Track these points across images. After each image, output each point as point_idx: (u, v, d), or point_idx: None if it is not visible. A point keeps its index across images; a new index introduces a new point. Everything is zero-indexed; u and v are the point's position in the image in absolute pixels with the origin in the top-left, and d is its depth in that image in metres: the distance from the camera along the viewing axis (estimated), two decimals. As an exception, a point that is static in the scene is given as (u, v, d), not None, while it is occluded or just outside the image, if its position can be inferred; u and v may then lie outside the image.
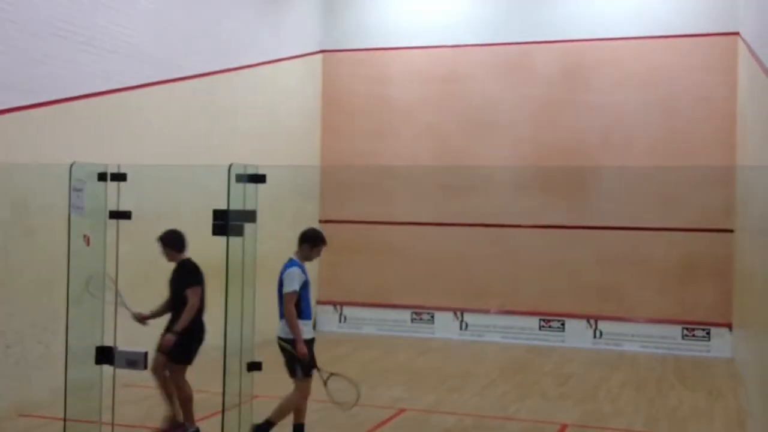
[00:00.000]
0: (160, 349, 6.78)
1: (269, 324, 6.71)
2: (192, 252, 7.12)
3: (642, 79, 13.07)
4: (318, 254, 6.93)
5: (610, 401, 9.19)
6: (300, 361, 6.62)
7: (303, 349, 6.60)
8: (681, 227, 12.72)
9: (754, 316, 8.57)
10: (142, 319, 6.89)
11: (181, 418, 6.96)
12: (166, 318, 7.00)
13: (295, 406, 6.86)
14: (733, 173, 12.19)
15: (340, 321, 14.23)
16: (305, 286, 6.81)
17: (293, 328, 6.61)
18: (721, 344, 12.37)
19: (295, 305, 6.66)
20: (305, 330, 6.72)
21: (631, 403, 9.12)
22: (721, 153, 12.50)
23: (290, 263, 6.80)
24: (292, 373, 6.74)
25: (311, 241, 6.88)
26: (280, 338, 6.73)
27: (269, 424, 6.67)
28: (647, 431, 7.88)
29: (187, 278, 6.91)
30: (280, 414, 6.77)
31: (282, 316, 6.71)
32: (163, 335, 6.86)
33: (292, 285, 6.63)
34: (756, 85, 9.15)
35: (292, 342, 6.62)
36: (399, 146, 14.14)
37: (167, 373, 6.89)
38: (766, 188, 7.43)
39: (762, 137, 8.32)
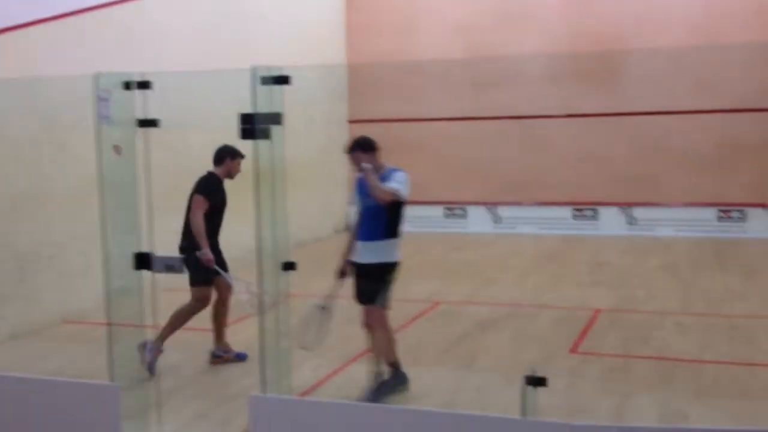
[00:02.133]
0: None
1: (301, 226, 6.73)
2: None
3: (674, -44, 12.60)
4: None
5: (644, 286, 9.27)
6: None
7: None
8: (717, 109, 12.48)
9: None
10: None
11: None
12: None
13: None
14: (769, 51, 11.87)
15: (374, 220, 14.35)
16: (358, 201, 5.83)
17: None
18: (757, 225, 12.33)
19: None
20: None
21: (666, 287, 9.20)
22: (759, 30, 12.10)
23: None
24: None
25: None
26: None
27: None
28: (681, 313, 7.96)
29: None
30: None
31: None
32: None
33: None
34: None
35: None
36: (426, 41, 13.91)
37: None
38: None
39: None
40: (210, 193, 6.55)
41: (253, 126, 5.08)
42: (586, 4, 13.05)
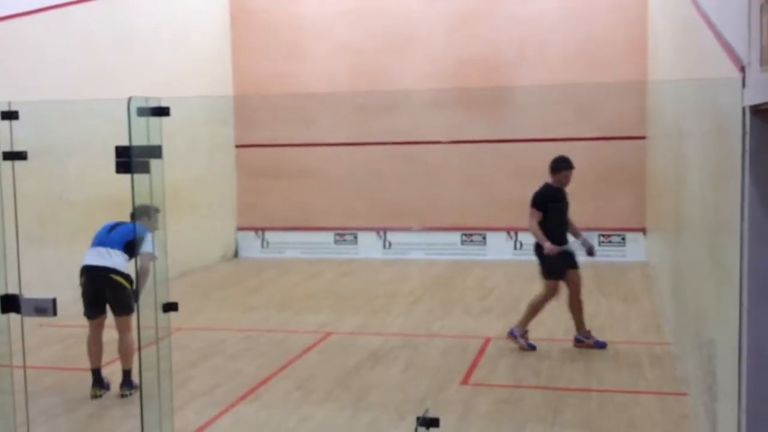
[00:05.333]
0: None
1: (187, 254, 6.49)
2: (99, 189, 6.84)
3: (555, -12, 13.01)
4: None
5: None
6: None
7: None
8: (595, 136, 12.89)
9: (664, 218, 8.81)
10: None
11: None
12: None
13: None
14: (644, 84, 12.35)
15: (262, 246, 14.09)
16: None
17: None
18: (636, 249, 12.76)
19: None
20: None
21: (552, 313, 9.29)
22: (633, 61, 12.60)
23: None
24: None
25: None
26: None
27: None
28: (568, 340, 8.08)
29: None
30: None
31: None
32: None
33: None
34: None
35: None
36: (314, 66, 13.80)
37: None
38: (675, 99, 7.51)
39: (672, 46, 8.36)
40: (538, 203, 7.78)
41: (129, 159, 4.82)
42: (472, 32, 13.26)
